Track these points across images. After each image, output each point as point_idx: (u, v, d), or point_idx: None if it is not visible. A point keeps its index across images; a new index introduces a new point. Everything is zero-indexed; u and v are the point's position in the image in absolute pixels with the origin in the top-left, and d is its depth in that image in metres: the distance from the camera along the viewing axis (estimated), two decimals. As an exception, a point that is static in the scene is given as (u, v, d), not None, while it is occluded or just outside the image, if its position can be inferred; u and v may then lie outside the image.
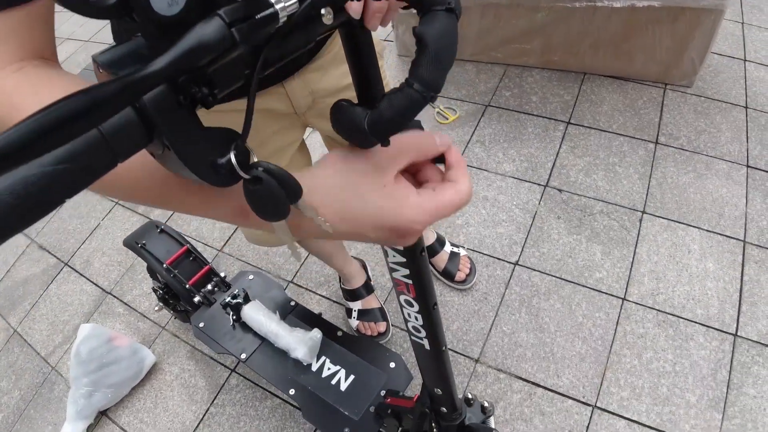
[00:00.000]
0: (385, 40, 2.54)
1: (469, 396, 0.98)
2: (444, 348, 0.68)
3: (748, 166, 1.70)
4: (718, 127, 1.81)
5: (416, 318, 0.61)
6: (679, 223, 1.60)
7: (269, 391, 1.52)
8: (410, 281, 0.55)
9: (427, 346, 0.66)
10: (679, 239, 1.56)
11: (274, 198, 0.31)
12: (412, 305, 0.59)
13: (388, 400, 1.04)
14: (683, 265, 1.51)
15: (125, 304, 1.91)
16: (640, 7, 1.73)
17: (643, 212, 1.64)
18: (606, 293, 1.49)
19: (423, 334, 0.64)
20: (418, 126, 0.47)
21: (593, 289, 1.50)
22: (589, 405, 1.32)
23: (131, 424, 1.59)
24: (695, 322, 1.41)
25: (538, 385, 1.37)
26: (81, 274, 2.10)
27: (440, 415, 0.83)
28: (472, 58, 2.24)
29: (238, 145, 0.30)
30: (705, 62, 1.86)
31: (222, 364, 1.62)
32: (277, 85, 0.78)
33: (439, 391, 0.76)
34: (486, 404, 0.97)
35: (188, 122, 0.27)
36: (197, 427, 1.52)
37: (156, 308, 1.60)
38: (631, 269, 1.53)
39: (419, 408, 0.85)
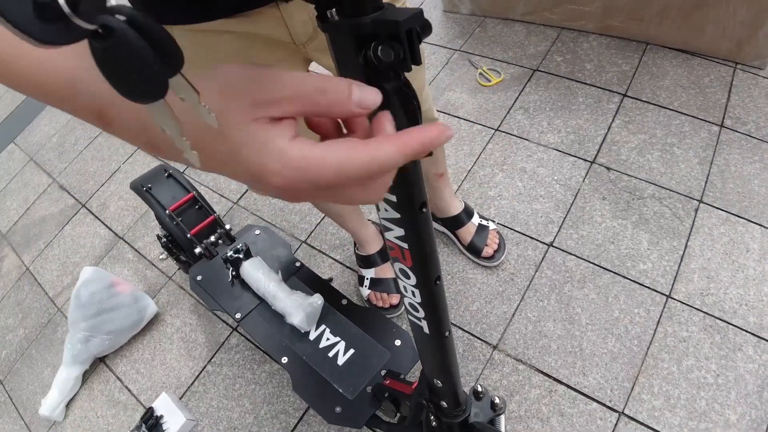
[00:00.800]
0: (430, -6, 2.35)
1: (479, 388, 0.85)
2: (447, 334, 0.55)
3: (827, 159, 1.48)
4: (795, 115, 1.58)
5: (413, 293, 0.48)
6: (740, 217, 1.40)
7: (269, 355, 1.44)
8: (405, 245, 0.42)
9: (426, 330, 0.53)
10: (737, 235, 1.37)
11: (139, 62, 0.19)
12: (408, 276, 0.46)
13: (387, 382, 0.92)
14: (739, 265, 1.33)
15: (135, 250, 1.85)
16: (720, -30, 1.51)
17: (700, 201, 1.44)
18: (649, 288, 1.32)
19: (421, 314, 0.51)
20: None
21: (635, 282, 1.34)
22: (615, 411, 1.18)
23: (127, 374, 1.54)
24: (746, 331, 1.24)
25: (561, 382, 1.23)
26: (96, 217, 2.05)
27: (440, 410, 0.71)
28: (523, 18, 2.03)
29: None
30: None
31: (224, 322, 1.55)
32: (272, 5, 0.64)
33: (438, 383, 0.64)
34: (497, 400, 0.84)
35: None
36: (192, 384, 1.46)
37: (161, 256, 1.52)
38: (680, 264, 1.35)
39: (416, 398, 0.73)
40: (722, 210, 1.43)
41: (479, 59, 1.97)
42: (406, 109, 0.33)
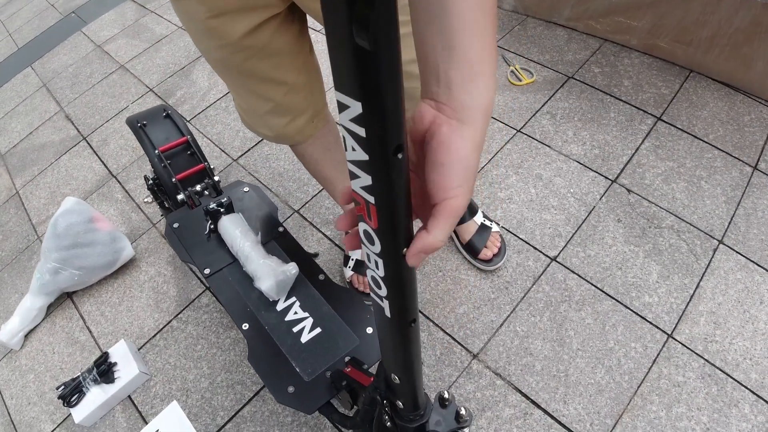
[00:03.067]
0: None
1: (446, 395, 0.76)
2: (412, 323, 0.46)
3: None
4: (836, 169, 1.47)
5: (376, 264, 0.39)
6: (759, 266, 1.30)
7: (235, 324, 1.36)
8: (371, 199, 0.33)
9: (388, 313, 0.44)
10: (753, 285, 1.27)
11: None
12: (372, 242, 0.37)
13: (348, 369, 0.84)
14: (750, 316, 1.23)
15: (125, 191, 1.78)
16: (779, 3, 1.40)
17: (720, 242, 1.34)
18: (651, 323, 1.23)
19: (383, 292, 0.42)
20: None
21: (637, 314, 1.24)
22: (591, 446, 1.09)
23: (91, 314, 1.48)
24: (746, 387, 1.14)
25: (538, 406, 1.14)
26: (95, 151, 1.99)
27: (395, 410, 0.63)
28: (567, 24, 1.93)
29: None
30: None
31: (198, 279, 1.47)
32: None
33: (396, 379, 0.55)
34: (463, 411, 0.75)
35: None
36: (154, 336, 1.39)
37: (146, 199, 1.45)
38: (688, 303, 1.25)
39: (371, 392, 0.65)
40: (742, 255, 1.32)
41: (513, 57, 1.87)
42: None
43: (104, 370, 1.29)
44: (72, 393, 1.28)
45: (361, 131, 0.30)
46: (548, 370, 1.18)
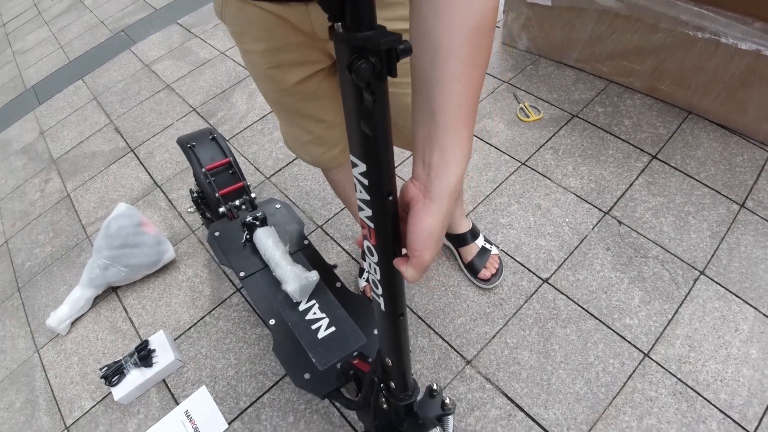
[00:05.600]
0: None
1: (434, 387, 0.93)
2: (401, 315, 0.63)
3: (839, 262, 1.49)
4: (819, 212, 1.59)
5: (375, 270, 0.57)
6: (737, 297, 1.43)
7: (263, 320, 1.54)
8: (372, 225, 0.51)
9: (383, 307, 0.61)
10: (730, 313, 1.40)
11: None
12: (372, 254, 0.55)
13: (356, 361, 1.01)
14: (724, 342, 1.35)
15: (169, 200, 1.99)
16: (766, 56, 1.54)
17: (702, 273, 1.48)
18: (629, 342, 1.37)
19: (380, 291, 0.59)
20: None
21: (617, 334, 1.38)
22: (567, 448, 1.23)
23: (133, 307, 1.68)
24: (714, 406, 1.26)
25: (521, 409, 1.29)
26: (141, 163, 2.21)
27: (389, 390, 0.79)
28: (576, 65, 2.10)
29: None
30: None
31: (231, 281, 1.66)
32: (301, 2, 0.78)
33: (389, 362, 0.72)
34: (447, 401, 0.91)
35: None
36: (188, 329, 1.58)
37: (189, 209, 1.65)
38: (666, 327, 1.39)
39: (370, 374, 0.82)
40: (721, 285, 1.45)
41: (524, 95, 2.05)
42: None
43: (144, 356, 1.47)
44: (114, 374, 1.47)
45: (365, 181, 0.48)
46: (533, 379, 1.33)
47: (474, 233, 1.52)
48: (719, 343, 1.36)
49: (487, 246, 1.52)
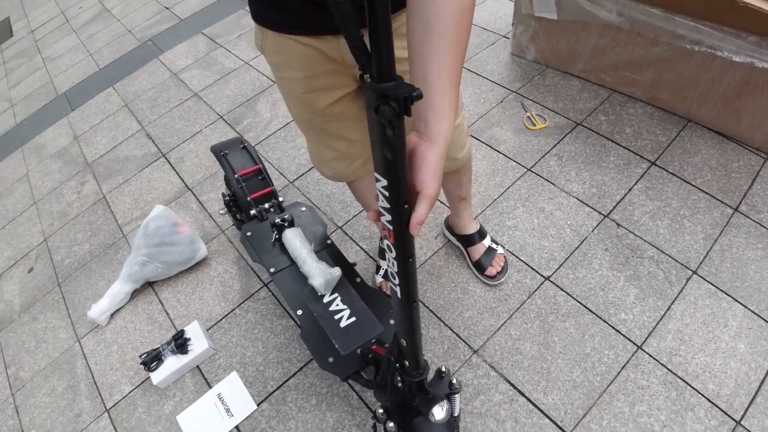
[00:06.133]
0: (504, 37, 2.56)
1: (443, 369, 1.06)
2: (414, 302, 0.76)
3: (826, 263, 1.58)
4: (811, 215, 1.69)
5: (393, 264, 0.70)
6: (727, 295, 1.53)
7: (288, 313, 1.69)
8: (390, 227, 0.65)
9: (399, 295, 0.75)
10: (720, 310, 1.51)
11: None
12: (391, 251, 0.68)
13: (374, 346, 1.15)
14: (713, 337, 1.46)
15: (199, 202, 2.15)
16: (760, 68, 1.64)
17: (695, 272, 1.59)
18: (624, 335, 1.49)
19: (397, 281, 0.73)
20: None
21: (613, 328, 1.50)
22: (563, 431, 1.35)
23: (168, 300, 1.83)
24: (702, 395, 1.37)
25: (523, 395, 1.41)
26: (173, 167, 2.37)
27: (403, 368, 0.93)
28: (581, 75, 2.21)
29: None
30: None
31: (258, 277, 1.81)
32: (333, 36, 0.92)
33: (404, 343, 0.86)
34: (454, 381, 1.04)
35: None
36: (220, 320, 1.73)
37: (221, 212, 1.80)
38: (658, 322, 1.50)
39: (387, 354, 0.95)
40: (712, 284, 1.56)
41: (531, 104, 2.17)
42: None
43: (180, 344, 1.62)
44: (152, 360, 1.62)
45: (386, 193, 0.62)
46: (534, 367, 1.45)
47: (481, 234, 1.65)
48: (709, 338, 1.47)
49: (494, 246, 1.65)
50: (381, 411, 1.00)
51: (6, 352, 1.91)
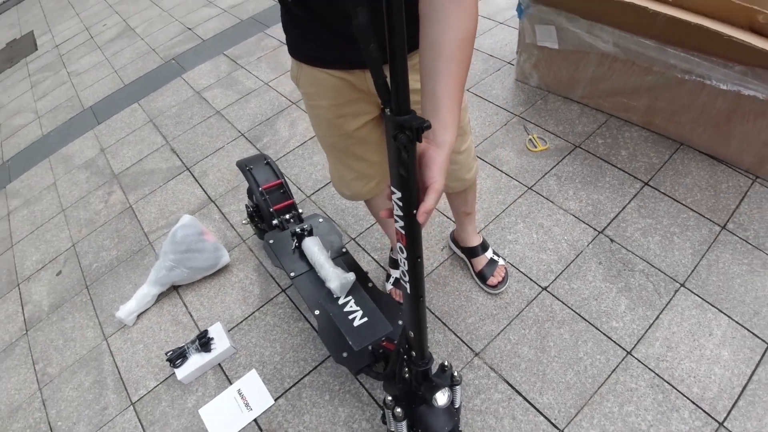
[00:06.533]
0: (509, 63, 2.72)
1: (446, 364, 1.18)
2: (421, 297, 0.90)
3: (807, 279, 1.69)
4: (794, 234, 1.80)
5: (404, 263, 0.84)
6: (713, 306, 1.65)
7: (304, 316, 1.82)
8: (403, 232, 0.78)
9: (408, 291, 0.88)
10: (705, 320, 1.62)
11: None
12: (403, 252, 0.82)
13: (384, 342, 1.28)
14: (699, 344, 1.58)
15: (222, 213, 2.30)
16: (745, 95, 1.77)
17: (682, 285, 1.71)
18: (615, 341, 1.60)
19: (407, 278, 0.86)
20: None
21: (604, 334, 1.62)
22: (557, 428, 1.46)
23: (192, 303, 1.97)
24: (687, 398, 1.48)
25: (520, 394, 1.53)
26: (196, 180, 2.53)
27: (410, 358, 1.06)
28: (580, 100, 2.36)
29: None
30: (802, 166, 1.86)
31: (277, 283, 1.95)
32: (361, 70, 1.07)
33: (411, 334, 0.99)
34: (456, 374, 1.17)
35: None
36: (240, 323, 1.86)
37: (243, 222, 1.95)
38: (647, 330, 1.62)
39: (396, 346, 1.08)
40: (699, 296, 1.68)
41: (533, 127, 2.32)
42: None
43: (204, 342, 1.76)
44: (177, 357, 1.75)
45: (400, 203, 0.76)
46: (530, 369, 1.57)
47: (484, 246, 1.78)
48: (694, 345, 1.58)
49: (495, 258, 1.78)
50: (390, 398, 1.13)
51: (34, 349, 2.04)
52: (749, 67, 1.73)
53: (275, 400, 1.64)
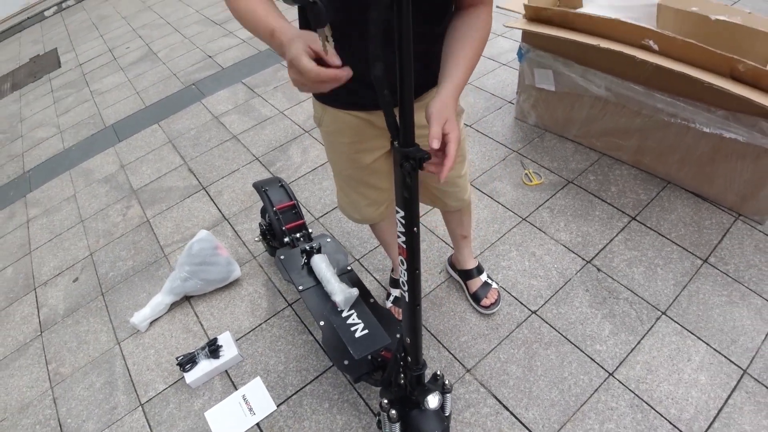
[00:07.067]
0: (509, 102, 2.89)
1: (438, 373, 1.30)
2: (417, 305, 1.03)
3: (782, 311, 1.80)
4: (771, 269, 1.92)
5: (404, 274, 0.97)
6: (692, 333, 1.76)
7: (308, 330, 1.94)
8: (404, 246, 0.92)
9: (407, 299, 1.02)
10: (684, 346, 1.73)
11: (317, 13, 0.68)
12: (403, 264, 0.96)
13: (383, 352, 1.40)
14: (677, 368, 1.68)
15: (235, 231, 2.45)
16: (727, 138, 1.91)
17: (664, 313, 1.82)
18: (598, 363, 1.71)
19: (406, 288, 1.00)
20: None
21: (588, 356, 1.73)
22: (542, 441, 1.57)
23: (202, 313, 2.10)
24: (665, 418, 1.58)
25: (507, 409, 1.64)
26: (211, 199, 2.68)
27: (405, 363, 1.18)
28: (575, 139, 2.52)
29: None
30: (780, 204, 1.98)
31: (284, 298, 2.08)
32: (378, 110, 1.20)
33: (408, 341, 1.11)
34: (447, 383, 1.28)
35: None
36: (248, 333, 1.99)
37: (256, 239, 2.09)
38: (629, 353, 1.73)
39: (394, 352, 1.20)
40: (679, 324, 1.79)
41: (529, 162, 2.47)
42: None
43: (213, 349, 1.88)
44: (188, 362, 1.86)
45: (403, 221, 0.90)
46: (518, 386, 1.68)
47: (479, 270, 1.91)
48: (673, 369, 1.69)
49: (489, 281, 1.91)
50: (386, 402, 1.24)
51: (48, 350, 2.15)
52: (730, 112, 1.88)
53: (278, 406, 1.75)
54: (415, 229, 0.90)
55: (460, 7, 1.04)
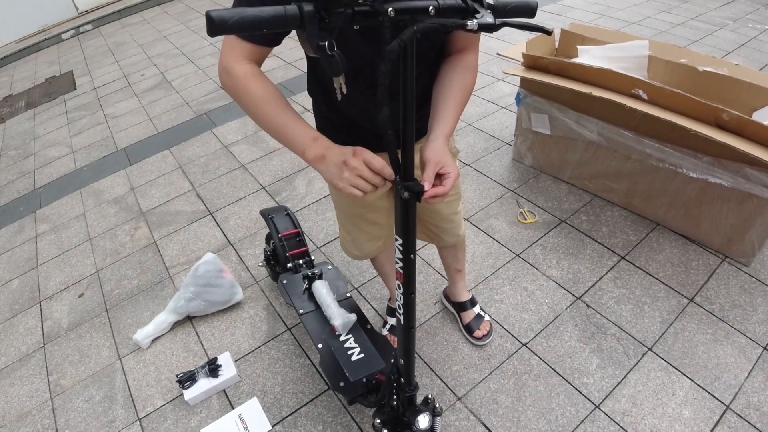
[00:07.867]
0: (507, 144, 3.02)
1: (429, 397, 1.37)
2: (412, 328, 1.11)
3: (765, 349, 1.85)
4: (756, 308, 1.98)
5: (400, 298, 1.06)
6: (677, 369, 1.82)
7: (306, 354, 2.01)
8: (402, 271, 1.01)
9: (402, 322, 1.10)
10: (669, 381, 1.79)
11: (334, 64, 0.77)
12: (400, 288, 1.05)
13: (378, 375, 1.47)
14: (662, 402, 1.74)
15: (239, 256, 2.53)
16: (713, 183, 2.02)
17: (650, 349, 1.89)
18: (585, 396, 1.77)
19: (401, 311, 1.08)
20: None
21: (575, 389, 1.79)
22: (529, 469, 1.61)
23: (203, 333, 2.16)
24: (649, 452, 1.64)
25: (496, 437, 1.69)
26: (218, 224, 2.78)
27: (398, 384, 1.25)
28: (569, 181, 2.63)
29: (330, 45, 0.69)
30: (765, 246, 2.07)
31: (283, 322, 2.15)
32: (383, 153, 1.31)
33: (401, 362, 1.19)
34: (437, 407, 1.35)
35: (318, 26, 0.71)
36: (247, 354, 2.05)
37: (259, 264, 2.17)
38: (615, 387, 1.79)
39: (388, 373, 1.27)
40: (664, 360, 1.85)
41: (524, 201, 2.58)
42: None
43: (213, 368, 1.93)
44: (187, 379, 1.92)
45: (401, 248, 0.99)
46: (506, 415, 1.74)
47: (473, 302, 1.99)
48: (657, 404, 1.74)
49: (482, 313, 1.98)
50: (378, 422, 1.31)
51: (50, 362, 2.20)
52: (716, 158, 1.99)
53: (272, 426, 1.80)
54: (411, 256, 0.99)
55: (449, 52, 1.13)
